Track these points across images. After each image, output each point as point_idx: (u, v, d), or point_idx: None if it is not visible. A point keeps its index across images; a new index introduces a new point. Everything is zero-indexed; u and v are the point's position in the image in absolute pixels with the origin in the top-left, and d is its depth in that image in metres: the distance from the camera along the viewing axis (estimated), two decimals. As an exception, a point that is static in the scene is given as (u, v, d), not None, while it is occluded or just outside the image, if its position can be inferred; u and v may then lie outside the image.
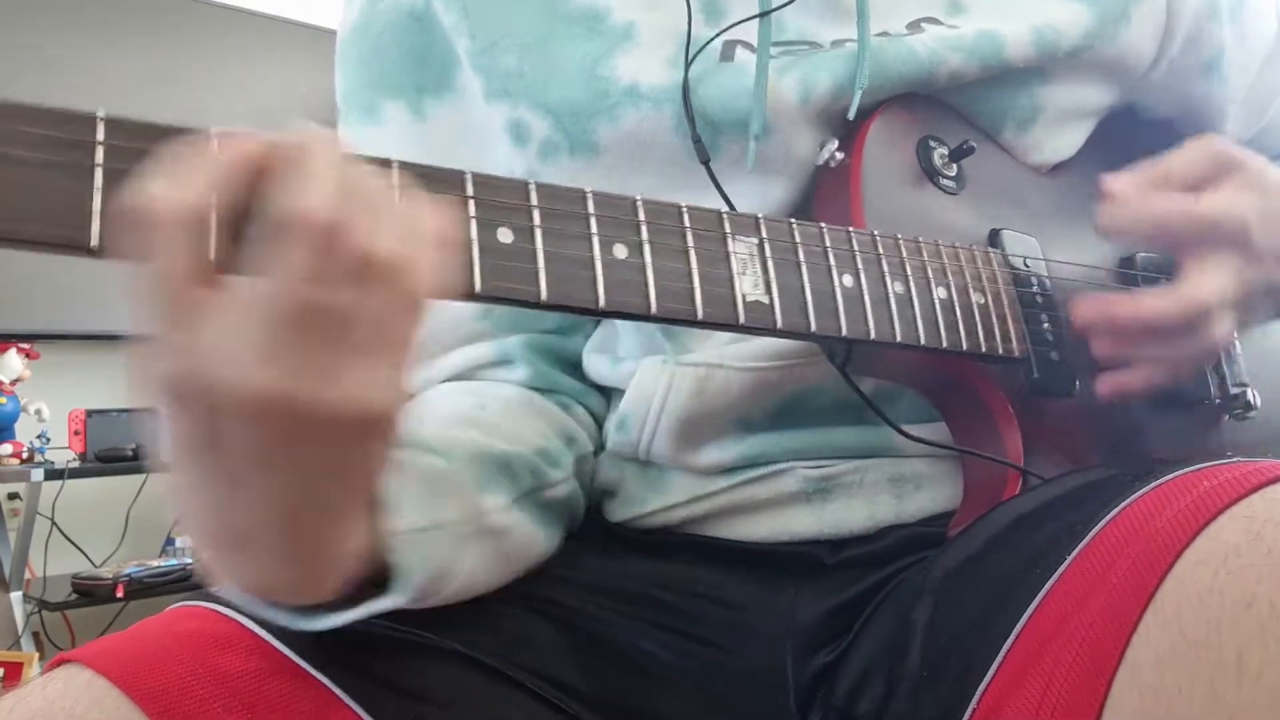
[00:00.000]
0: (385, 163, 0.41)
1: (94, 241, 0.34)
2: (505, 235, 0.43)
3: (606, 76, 0.61)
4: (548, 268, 0.43)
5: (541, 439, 0.62)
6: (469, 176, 0.43)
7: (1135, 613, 0.37)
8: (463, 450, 0.55)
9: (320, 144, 0.35)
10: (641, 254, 0.46)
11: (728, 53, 0.62)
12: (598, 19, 0.63)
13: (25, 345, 2.28)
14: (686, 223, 0.48)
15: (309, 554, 0.42)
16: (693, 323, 0.47)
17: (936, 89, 0.63)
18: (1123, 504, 0.43)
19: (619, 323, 0.66)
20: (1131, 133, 0.74)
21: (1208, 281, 0.56)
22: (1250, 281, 0.57)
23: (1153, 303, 0.56)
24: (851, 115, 0.59)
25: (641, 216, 0.47)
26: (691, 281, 0.47)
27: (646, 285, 0.46)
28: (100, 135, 0.35)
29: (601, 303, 0.45)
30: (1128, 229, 0.59)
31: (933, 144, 0.62)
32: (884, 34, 0.62)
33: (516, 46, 0.63)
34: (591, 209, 0.46)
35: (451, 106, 0.66)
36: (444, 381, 0.67)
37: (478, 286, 0.42)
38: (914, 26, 0.64)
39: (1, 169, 0.33)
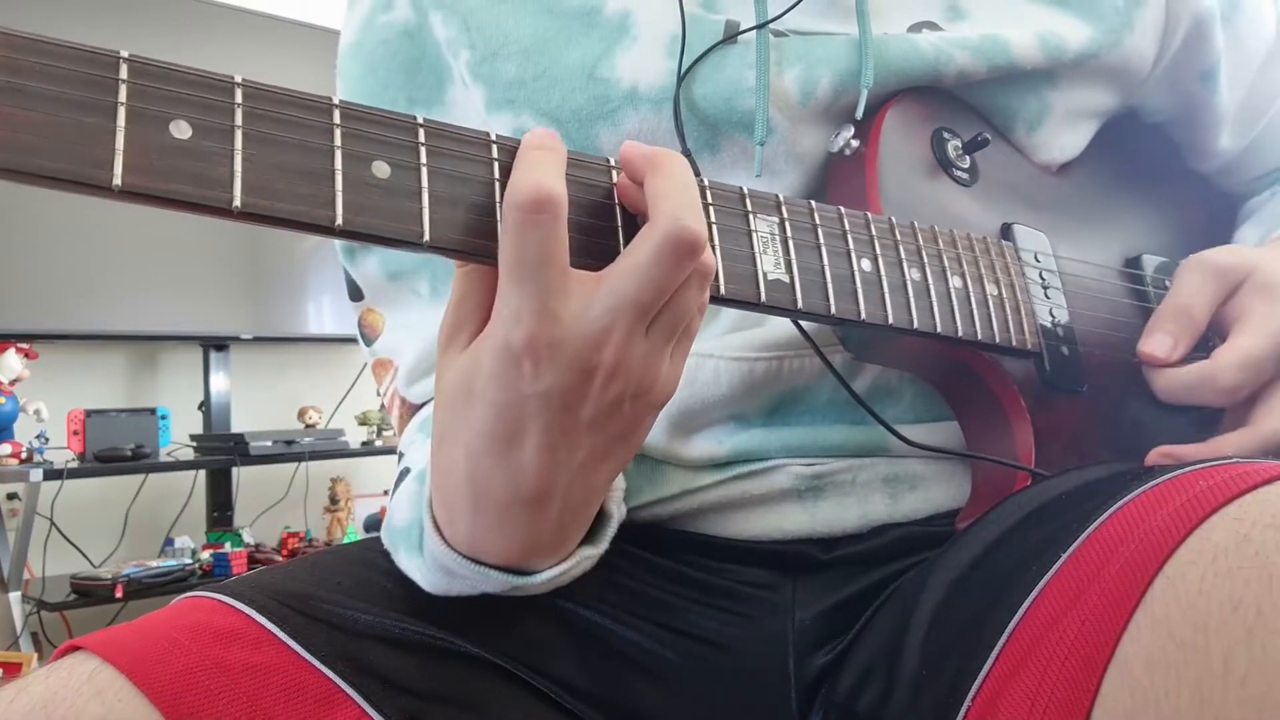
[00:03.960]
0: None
1: (116, 182, 0.34)
2: None
3: (606, 78, 0.61)
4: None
5: None
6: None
7: (1126, 612, 0.37)
8: None
9: (680, 166, 0.43)
10: None
11: (730, 38, 0.62)
12: (594, 11, 0.63)
13: (25, 345, 2.28)
14: (709, 199, 0.48)
15: (583, 514, 0.49)
16: (715, 298, 0.47)
17: (945, 88, 0.63)
18: (1119, 503, 0.43)
19: None
20: (1134, 135, 0.75)
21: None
22: None
23: (1229, 451, 0.58)
24: (859, 115, 0.60)
25: None
26: (715, 256, 0.47)
27: None
28: (123, 74, 0.35)
29: None
30: (1202, 403, 0.61)
31: (946, 135, 0.63)
32: (885, 35, 0.62)
33: (517, 53, 0.63)
34: (614, 180, 0.46)
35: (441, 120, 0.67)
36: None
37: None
38: (914, 29, 0.64)
39: (25, 104, 0.33)
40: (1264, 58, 0.76)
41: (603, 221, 0.44)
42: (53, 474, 2.11)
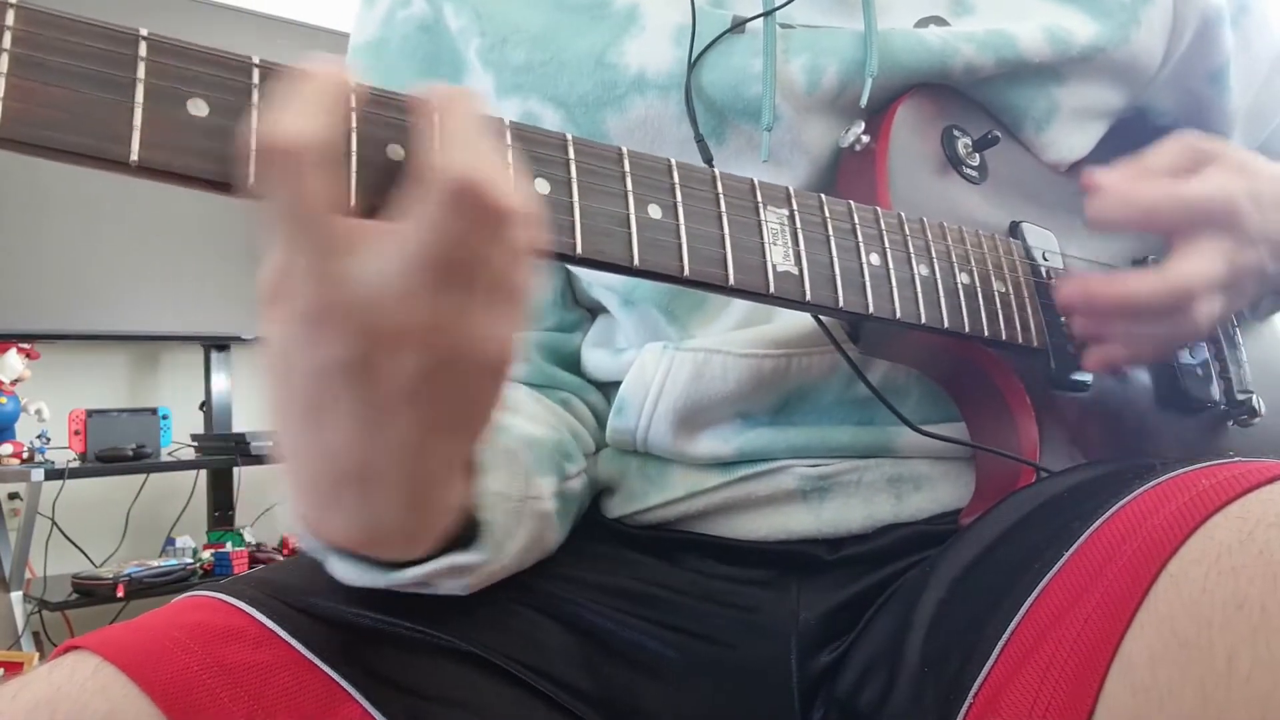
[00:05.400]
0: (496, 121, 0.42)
1: (133, 158, 0.34)
2: (542, 186, 0.43)
3: (614, 64, 0.61)
4: (583, 221, 0.44)
5: (556, 433, 0.62)
6: (507, 125, 0.43)
7: (1130, 610, 0.37)
8: (511, 432, 0.56)
9: (462, 101, 0.39)
10: (676, 215, 0.46)
11: (738, 26, 0.62)
12: (602, 4, 0.63)
13: (25, 345, 2.27)
14: (720, 189, 0.48)
15: (426, 497, 0.44)
16: (723, 289, 0.47)
17: (953, 82, 0.63)
18: (1122, 501, 0.43)
19: (619, 313, 0.66)
20: (1142, 136, 0.74)
21: (1194, 264, 0.56)
22: (1240, 265, 0.57)
23: (1134, 284, 0.56)
24: (863, 103, 0.60)
25: (676, 179, 0.47)
26: (724, 247, 0.47)
27: (680, 246, 0.46)
28: (143, 52, 0.35)
29: (636, 261, 0.45)
30: (1116, 217, 0.59)
31: (956, 133, 0.63)
32: (891, 29, 0.63)
33: (526, 41, 0.63)
34: (627, 167, 0.46)
35: None
36: None
37: None
38: (921, 24, 0.65)
39: (46, 78, 0.33)
40: (1272, 61, 0.76)
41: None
42: (54, 474, 2.11)
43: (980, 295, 0.57)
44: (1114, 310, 0.57)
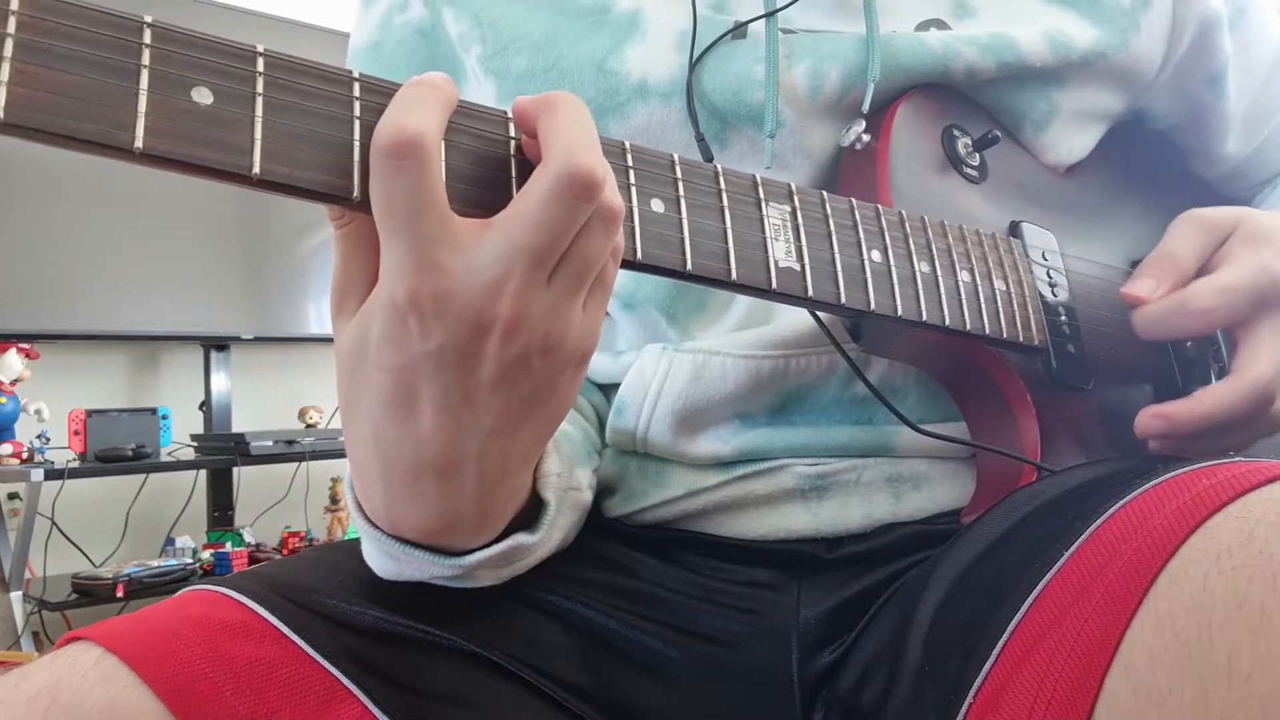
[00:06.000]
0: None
1: (138, 145, 0.34)
2: None
3: (616, 71, 0.61)
4: None
5: (579, 429, 0.63)
6: (510, 119, 0.43)
7: (1130, 609, 0.37)
8: None
9: (575, 105, 0.40)
10: (679, 209, 0.46)
11: (740, 30, 0.62)
12: (604, 10, 0.64)
13: (25, 345, 2.28)
14: (722, 184, 0.48)
15: (502, 484, 0.45)
16: (726, 284, 0.47)
17: (954, 84, 0.63)
18: (1122, 501, 0.43)
19: (619, 316, 0.67)
20: (1140, 140, 0.75)
21: (1264, 358, 0.56)
22: None
23: (1213, 402, 0.56)
24: (865, 109, 0.60)
25: (679, 174, 0.47)
26: (726, 241, 0.47)
27: (683, 241, 0.46)
28: (147, 39, 0.35)
29: (639, 255, 0.45)
30: (1175, 329, 0.59)
31: (957, 133, 0.63)
32: (893, 33, 0.63)
33: (527, 47, 0.63)
34: (630, 162, 0.46)
35: None
36: None
37: None
38: (922, 27, 0.65)
39: (50, 63, 0.33)
40: (1270, 64, 0.76)
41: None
42: (54, 474, 2.11)
43: (980, 293, 0.57)
44: (1200, 432, 0.57)
